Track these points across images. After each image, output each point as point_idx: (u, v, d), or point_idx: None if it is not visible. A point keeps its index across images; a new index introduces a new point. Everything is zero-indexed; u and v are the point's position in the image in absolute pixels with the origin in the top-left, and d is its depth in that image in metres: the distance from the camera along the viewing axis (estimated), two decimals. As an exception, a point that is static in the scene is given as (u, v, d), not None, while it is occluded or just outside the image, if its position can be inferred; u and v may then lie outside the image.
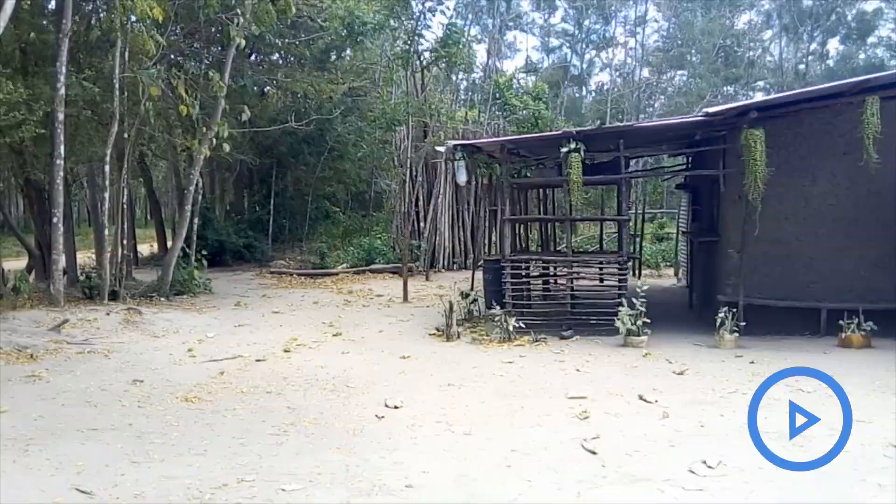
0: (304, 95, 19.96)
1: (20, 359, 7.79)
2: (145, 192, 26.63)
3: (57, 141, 11.32)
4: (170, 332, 9.96)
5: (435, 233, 19.04)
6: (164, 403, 6.50)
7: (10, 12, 9.04)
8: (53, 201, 11.68)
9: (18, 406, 6.23)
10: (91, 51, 13.80)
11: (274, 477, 4.74)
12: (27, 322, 9.43)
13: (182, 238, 14.54)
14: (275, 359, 8.52)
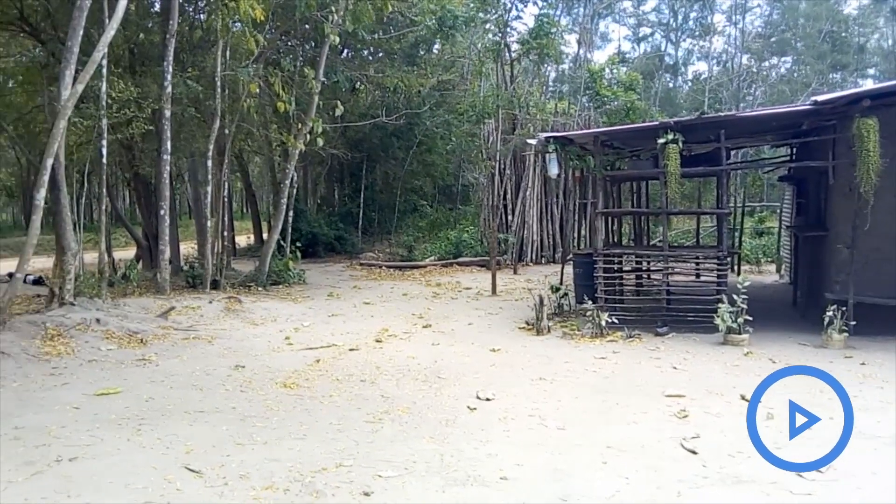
0: (393, 90, 20.19)
1: (132, 343, 8.23)
2: (242, 186, 27.69)
3: (164, 137, 11.90)
4: (267, 321, 10.29)
5: (523, 226, 18.91)
6: (265, 389, 6.72)
7: (122, 15, 9.51)
8: (160, 195, 12.29)
9: (131, 387, 6.59)
10: (194, 50, 14.43)
11: (371, 463, 4.82)
12: (137, 308, 9.95)
13: (278, 230, 15.01)
14: (367, 348, 8.67)
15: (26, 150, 16.06)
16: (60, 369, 7.09)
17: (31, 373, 6.92)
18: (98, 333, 8.24)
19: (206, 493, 4.27)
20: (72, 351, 7.66)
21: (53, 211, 9.94)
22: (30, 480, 4.38)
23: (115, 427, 5.44)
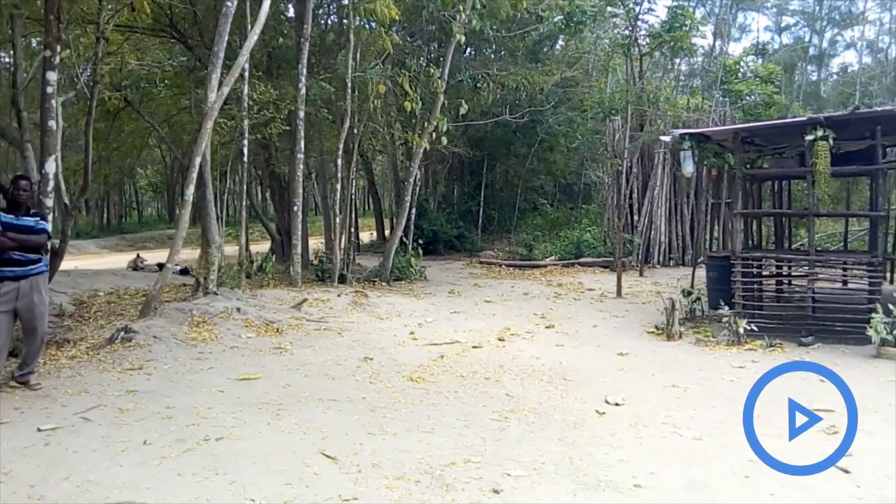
0: (515, 88, 20.10)
1: (268, 332, 8.63)
2: (366, 184, 28.48)
3: (298, 137, 12.43)
4: (392, 315, 10.51)
5: (650, 226, 18.31)
6: (392, 381, 6.85)
7: (264, 21, 9.99)
8: (294, 192, 12.85)
9: (269, 374, 6.91)
10: (326, 53, 14.98)
11: (498, 461, 4.80)
12: (272, 300, 10.43)
13: (402, 227, 15.33)
14: (490, 346, 8.66)
15: (174, 149, 17.24)
16: (206, 354, 7.54)
17: (180, 356, 7.40)
18: (238, 322, 8.70)
19: (342, 479, 4.39)
20: (215, 337, 8.13)
21: (199, 206, 10.60)
22: (181, 457, 4.66)
23: (257, 411, 5.71)
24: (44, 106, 7.77)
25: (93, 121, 9.31)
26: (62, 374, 6.78)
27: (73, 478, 4.29)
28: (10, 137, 10.60)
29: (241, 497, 4.07)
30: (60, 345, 7.83)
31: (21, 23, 10.24)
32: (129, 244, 29.75)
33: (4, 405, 5.79)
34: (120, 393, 6.16)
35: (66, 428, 5.25)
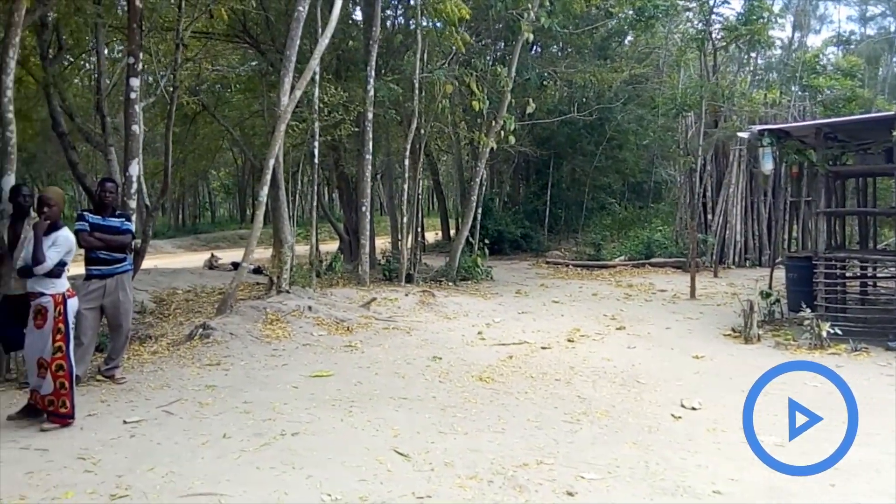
0: (583, 85, 19.85)
1: (339, 330, 8.76)
2: (431, 184, 28.63)
3: (366, 138, 12.59)
4: (460, 315, 10.52)
5: (724, 226, 17.77)
6: (462, 381, 6.85)
7: (335, 25, 10.15)
8: (362, 192, 13.02)
9: (341, 371, 7.01)
10: (393, 54, 15.13)
11: (572, 463, 4.74)
12: (341, 298, 10.59)
13: (468, 227, 15.34)
14: (559, 347, 8.57)
15: (247, 152, 17.71)
16: (280, 351, 7.72)
17: (256, 353, 7.59)
18: (310, 320, 8.87)
19: (415, 477, 4.41)
20: (288, 335, 8.31)
21: (272, 207, 10.86)
22: (259, 451, 4.78)
23: (330, 407, 5.80)
24: (127, 111, 8.09)
25: (172, 125, 9.63)
26: (145, 369, 7.05)
27: (158, 469, 4.45)
28: (95, 141, 11.09)
29: (318, 492, 4.13)
30: (143, 340, 8.14)
31: (104, 31, 10.72)
32: (202, 244, 30.71)
33: (92, 398, 6.05)
34: (199, 388, 6.36)
35: (149, 421, 5.46)
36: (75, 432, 5.21)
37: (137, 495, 4.07)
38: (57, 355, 5.33)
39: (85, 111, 13.54)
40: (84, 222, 6.52)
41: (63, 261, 5.49)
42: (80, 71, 14.91)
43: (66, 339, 5.39)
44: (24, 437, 5.11)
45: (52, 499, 4.03)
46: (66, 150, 10.80)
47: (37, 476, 4.36)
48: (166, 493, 4.10)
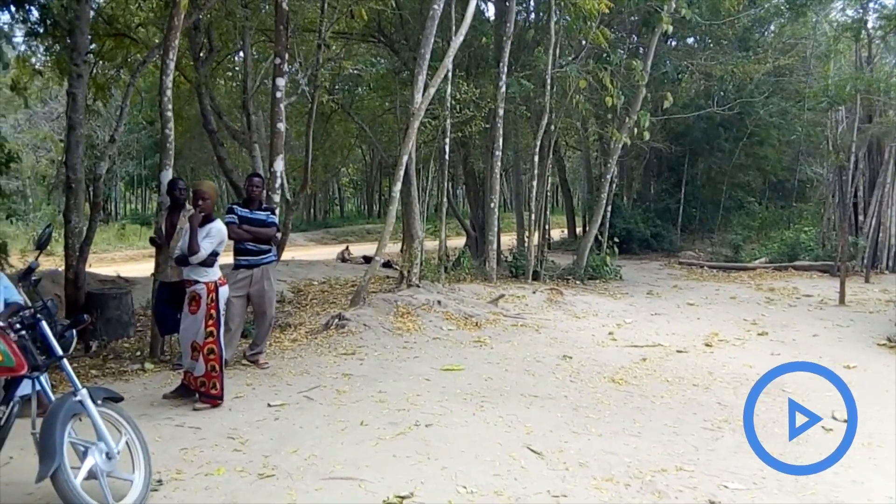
0: (721, 77, 18.89)
1: (468, 325, 8.82)
2: (558, 181, 28.30)
3: (496, 134, 12.61)
4: (589, 314, 10.31)
5: (877, 228, 16.36)
6: (593, 381, 6.71)
7: (469, 22, 10.21)
8: (491, 188, 13.05)
9: (471, 366, 7.05)
10: (524, 50, 15.04)
11: (713, 472, 4.53)
12: (469, 294, 10.66)
13: (597, 225, 15.03)
14: (696, 351, 8.21)
15: (379, 149, 18.21)
16: (411, 344, 7.87)
17: (388, 344, 7.78)
18: (439, 314, 8.99)
19: (550, 476, 4.35)
20: (419, 328, 8.46)
21: (404, 202, 11.10)
22: (395, 440, 4.87)
23: (461, 401, 5.84)
24: (273, 110, 8.50)
25: (312, 122, 10.03)
26: (286, 356, 7.39)
27: (301, 451, 4.63)
28: (240, 139, 11.76)
29: (453, 483, 4.16)
30: (283, 328, 8.55)
31: (250, 34, 11.34)
32: (332, 237, 31.95)
33: (238, 381, 6.40)
34: (337, 376, 6.58)
35: (291, 405, 5.71)
36: (224, 413, 5.53)
37: (283, 475, 4.25)
38: (209, 339, 5.67)
39: (229, 110, 14.40)
40: (233, 215, 6.90)
41: (215, 251, 5.82)
42: (225, 72, 15.87)
43: (218, 325, 5.72)
44: (178, 415, 5.48)
45: (205, 474, 4.28)
46: (214, 147, 11.53)
47: (191, 452, 4.66)
48: (309, 475, 4.26)
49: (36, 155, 26.21)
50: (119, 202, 40.82)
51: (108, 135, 26.66)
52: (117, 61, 12.21)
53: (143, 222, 33.68)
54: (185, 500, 3.93)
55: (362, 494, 4.00)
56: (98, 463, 3.67)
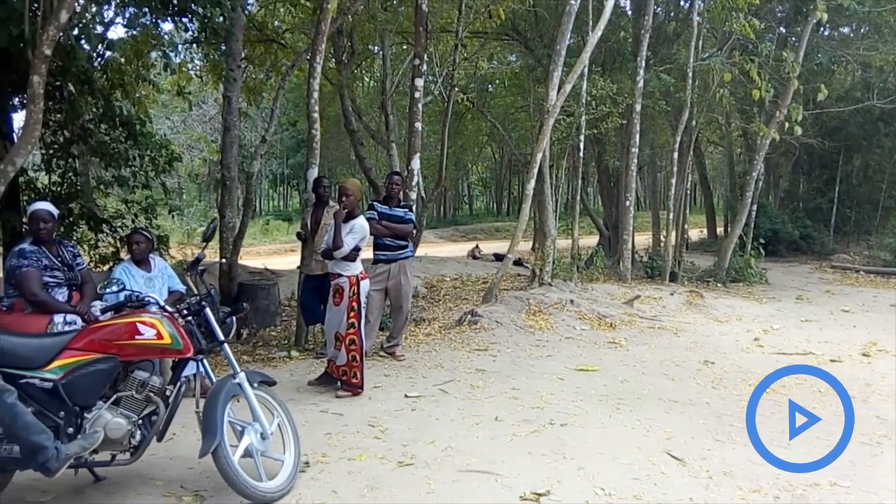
0: (880, 68, 17.36)
1: (602, 326, 8.66)
2: (697, 178, 27.14)
3: (633, 130, 12.28)
4: (732, 319, 9.84)
5: None
6: (737, 388, 6.39)
7: (608, 17, 10.00)
8: (626, 186, 12.74)
9: (606, 367, 6.92)
10: (663, 43, 14.54)
11: (871, 488, 4.22)
12: (602, 294, 10.46)
13: (741, 225, 14.31)
14: (851, 361, 7.63)
15: (512, 147, 18.22)
16: (543, 342, 7.84)
17: (520, 342, 7.79)
18: (572, 313, 8.88)
19: (691, 483, 4.20)
20: (551, 326, 8.40)
21: (537, 200, 11.06)
22: (529, 437, 4.87)
23: (597, 402, 5.74)
24: (411, 109, 8.72)
25: (448, 121, 10.20)
26: (420, 349, 7.58)
27: (438, 442, 4.74)
28: (379, 138, 12.15)
29: (590, 484, 4.11)
30: (418, 323, 8.77)
31: (389, 37, 11.69)
32: (461, 235, 32.34)
33: (376, 372, 6.63)
34: (470, 371, 6.67)
35: (427, 397, 5.84)
36: (364, 401, 5.74)
37: (421, 465, 4.36)
38: (350, 331, 5.91)
39: (366, 110, 14.90)
40: (374, 211, 7.14)
41: (358, 246, 6.06)
42: (364, 74, 16.45)
43: (359, 317, 5.95)
44: (322, 401, 5.75)
45: (348, 459, 4.47)
46: (354, 146, 11.99)
47: (334, 437, 4.88)
48: (446, 465, 4.35)
49: (190, 154, 28.32)
50: (264, 199, 43.36)
51: (255, 136, 28.45)
52: (266, 66, 12.98)
53: (285, 218, 35.68)
54: (330, 482, 4.11)
55: (498, 488, 4.03)
56: (253, 442, 3.92)
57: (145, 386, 3.80)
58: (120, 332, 3.74)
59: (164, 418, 3.81)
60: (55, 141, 8.53)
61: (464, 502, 3.86)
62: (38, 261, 4.80)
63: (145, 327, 3.76)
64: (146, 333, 3.75)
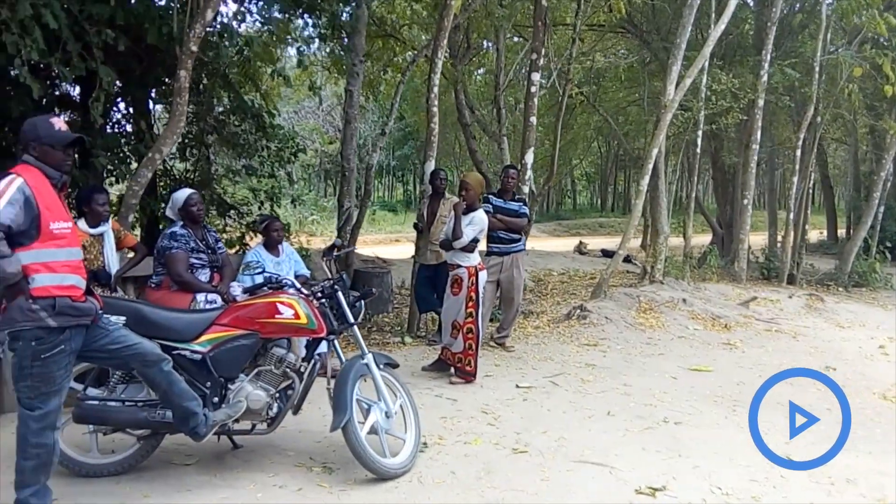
0: None
1: (715, 326, 8.47)
2: (818, 177, 25.77)
3: (754, 126, 11.84)
4: (855, 324, 9.38)
5: None
6: (861, 396, 6.16)
7: (734, 8, 9.69)
8: (745, 184, 12.30)
9: (721, 368, 6.79)
10: (788, 36, 13.90)
11: None
12: (716, 294, 10.19)
13: (865, 227, 13.58)
14: None
15: (624, 143, 17.92)
16: (655, 340, 7.76)
17: (631, 339, 7.75)
18: (684, 313, 8.73)
19: (812, 488, 4.11)
20: (662, 325, 8.30)
21: (650, 196, 10.88)
22: (643, 433, 4.89)
23: (711, 402, 5.68)
24: (527, 104, 8.77)
25: (562, 116, 10.19)
26: (529, 341, 7.67)
27: (550, 433, 4.83)
28: (490, 132, 12.28)
29: (706, 483, 4.10)
30: (526, 315, 8.85)
31: (504, 31, 11.77)
32: (564, 230, 32.05)
33: (487, 361, 6.77)
34: (580, 365, 6.72)
35: (538, 388, 5.95)
36: (477, 389, 5.91)
37: (535, 453, 4.47)
38: (468, 320, 6.08)
39: (477, 104, 15.01)
40: (488, 204, 7.27)
41: (476, 238, 6.21)
42: (477, 68, 16.58)
43: (477, 307, 6.10)
44: (436, 386, 5.96)
45: (463, 443, 4.64)
46: (467, 140, 12.15)
47: (449, 421, 5.06)
48: (560, 455, 4.44)
49: (303, 145, 29.46)
50: (371, 190, 44.40)
51: (367, 128, 29.25)
52: (383, 61, 13.36)
53: (390, 209, 36.49)
54: (447, 463, 4.29)
55: (613, 481, 4.09)
56: (379, 420, 4.15)
57: (282, 362, 4.10)
58: (261, 310, 4.05)
59: (299, 393, 4.10)
60: (189, 131, 9.14)
61: (579, 492, 3.94)
62: (187, 243, 5.23)
63: (284, 307, 4.05)
64: (285, 313, 4.04)
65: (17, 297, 3.02)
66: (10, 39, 5.07)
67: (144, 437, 3.94)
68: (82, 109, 7.62)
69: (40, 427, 3.13)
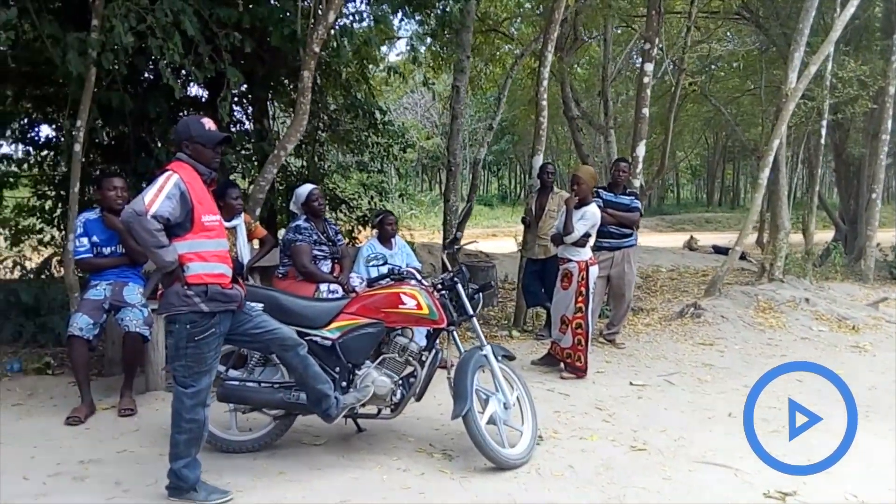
0: None
1: (842, 328, 8.01)
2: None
3: (885, 116, 11.11)
4: None
5: None
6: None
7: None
8: (873, 177, 11.57)
9: (849, 373, 6.30)
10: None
11: None
12: (841, 294, 9.65)
13: None
14: None
15: (739, 132, 17.20)
16: (775, 341, 7.44)
17: (749, 339, 7.46)
18: (807, 313, 8.31)
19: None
20: (783, 325, 7.93)
21: (770, 190, 10.40)
22: (769, 435, 4.66)
23: (842, 407, 5.37)
24: (640, 95, 8.58)
25: (675, 106, 9.90)
26: (640, 339, 7.53)
27: (669, 432, 4.73)
28: (597, 125, 12.08)
29: (839, 489, 3.90)
30: (636, 312, 8.68)
31: (612, 22, 11.53)
32: (667, 225, 31.10)
33: (597, 357, 6.67)
34: (696, 364, 6.54)
35: (653, 386, 5.83)
36: (589, 385, 5.87)
37: (654, 451, 4.39)
38: (577, 315, 6.03)
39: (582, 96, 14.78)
40: (598, 198, 7.17)
41: (588, 233, 6.14)
42: (582, 59, 16.32)
43: (587, 302, 6.05)
44: (547, 381, 5.96)
45: (579, 438, 4.62)
46: (573, 133, 12.01)
47: (562, 416, 5.05)
48: (681, 455, 4.34)
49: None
50: (466, 185, 44.59)
51: (467, 123, 29.31)
52: (485, 56, 13.38)
53: (486, 203, 36.56)
54: (564, 457, 4.28)
55: (738, 483, 3.97)
56: (497, 411, 4.20)
57: (405, 350, 4.23)
58: (386, 300, 4.19)
59: (421, 380, 4.21)
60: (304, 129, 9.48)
61: (703, 492, 3.85)
62: (310, 236, 5.46)
63: (407, 298, 4.17)
64: (408, 303, 4.16)
65: (173, 284, 3.28)
66: (155, 44, 5.43)
67: (279, 417, 4.17)
68: (209, 109, 8.04)
69: (193, 404, 3.37)
